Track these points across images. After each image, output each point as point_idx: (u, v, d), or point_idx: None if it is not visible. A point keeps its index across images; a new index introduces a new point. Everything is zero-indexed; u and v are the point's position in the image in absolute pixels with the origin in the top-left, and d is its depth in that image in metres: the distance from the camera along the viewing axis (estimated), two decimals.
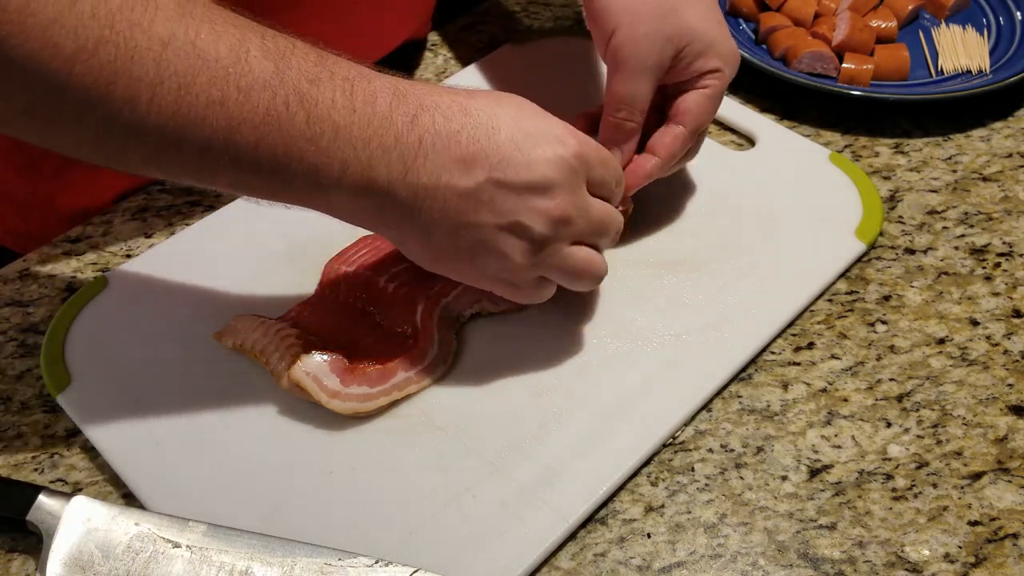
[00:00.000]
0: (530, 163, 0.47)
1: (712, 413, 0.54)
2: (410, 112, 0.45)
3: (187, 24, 0.40)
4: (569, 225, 0.49)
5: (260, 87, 0.41)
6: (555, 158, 0.47)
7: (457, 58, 0.79)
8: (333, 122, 0.43)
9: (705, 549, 0.48)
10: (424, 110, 0.46)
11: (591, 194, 0.50)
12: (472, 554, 0.47)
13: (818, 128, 0.73)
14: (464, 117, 0.46)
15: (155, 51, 0.38)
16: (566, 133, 0.49)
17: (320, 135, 0.43)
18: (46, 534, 0.46)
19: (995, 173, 0.69)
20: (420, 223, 0.47)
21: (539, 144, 0.47)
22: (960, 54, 0.77)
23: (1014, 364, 0.57)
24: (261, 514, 0.48)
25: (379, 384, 0.52)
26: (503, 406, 0.53)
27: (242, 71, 0.41)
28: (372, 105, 0.44)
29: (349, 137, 0.43)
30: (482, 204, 0.47)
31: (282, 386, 0.52)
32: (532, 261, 0.49)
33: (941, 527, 0.49)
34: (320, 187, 0.45)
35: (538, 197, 0.47)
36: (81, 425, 0.52)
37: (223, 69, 0.40)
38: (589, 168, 0.49)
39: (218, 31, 0.40)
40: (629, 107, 0.56)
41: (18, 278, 0.62)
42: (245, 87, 0.41)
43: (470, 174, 0.46)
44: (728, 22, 0.80)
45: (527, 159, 0.47)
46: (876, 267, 0.62)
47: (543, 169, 0.47)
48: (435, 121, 0.46)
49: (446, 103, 0.46)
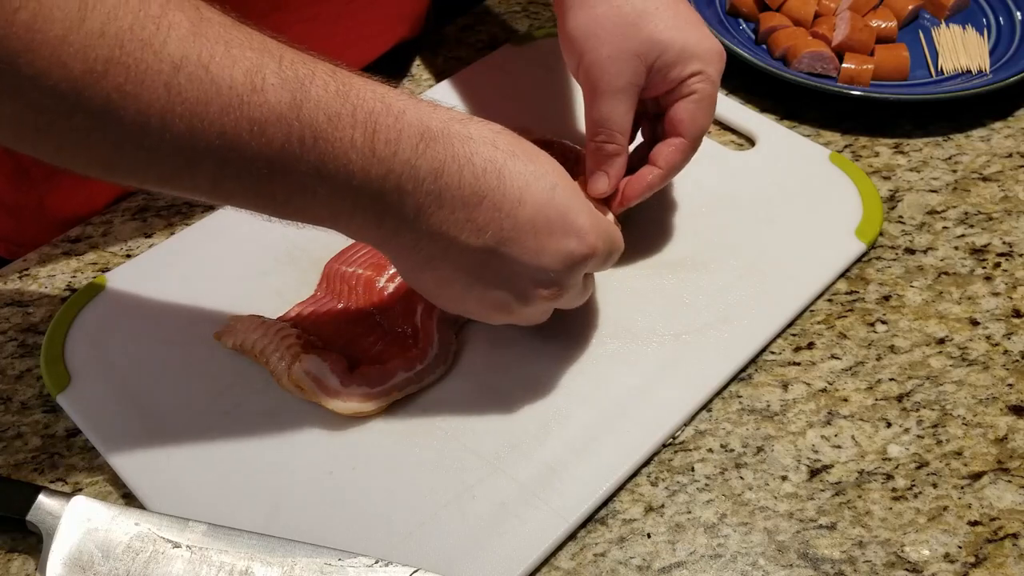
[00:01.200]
0: (540, 251, 0.46)
1: (712, 413, 0.54)
2: (437, 161, 0.43)
3: (201, 46, 0.38)
4: (554, 302, 0.50)
5: (275, 121, 0.39)
6: (565, 253, 0.47)
7: (457, 58, 0.79)
8: (349, 163, 0.41)
9: (705, 549, 0.48)
10: (454, 161, 0.43)
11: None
12: (472, 554, 0.47)
13: (818, 128, 0.73)
14: (496, 180, 0.44)
15: (166, 74, 0.37)
16: (588, 228, 0.47)
17: (334, 175, 0.41)
18: (46, 534, 0.46)
19: (995, 173, 0.69)
20: (418, 259, 0.47)
21: (556, 234, 0.46)
22: (960, 54, 0.77)
23: (1014, 364, 0.57)
24: (261, 514, 0.48)
25: (379, 384, 0.52)
26: (503, 406, 0.53)
27: (257, 101, 0.39)
28: (395, 148, 0.42)
29: (365, 179, 0.42)
30: (480, 265, 0.46)
31: (282, 386, 0.52)
32: (510, 316, 0.50)
33: (941, 527, 0.49)
34: (333, 219, 0.44)
35: (533, 279, 0.47)
36: (81, 425, 0.52)
37: (237, 98, 0.38)
38: (597, 261, 0.49)
39: (233, 54, 0.38)
40: (607, 130, 0.55)
41: (18, 278, 0.62)
42: (260, 120, 0.39)
43: (479, 238, 0.45)
44: (728, 22, 0.80)
45: (539, 246, 0.46)
46: (876, 267, 0.62)
47: (548, 260, 0.46)
48: (462, 178, 0.44)
49: (482, 159, 0.44)
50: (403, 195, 0.43)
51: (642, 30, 0.54)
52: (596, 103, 0.55)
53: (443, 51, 0.80)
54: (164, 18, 0.37)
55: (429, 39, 0.81)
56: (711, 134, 0.71)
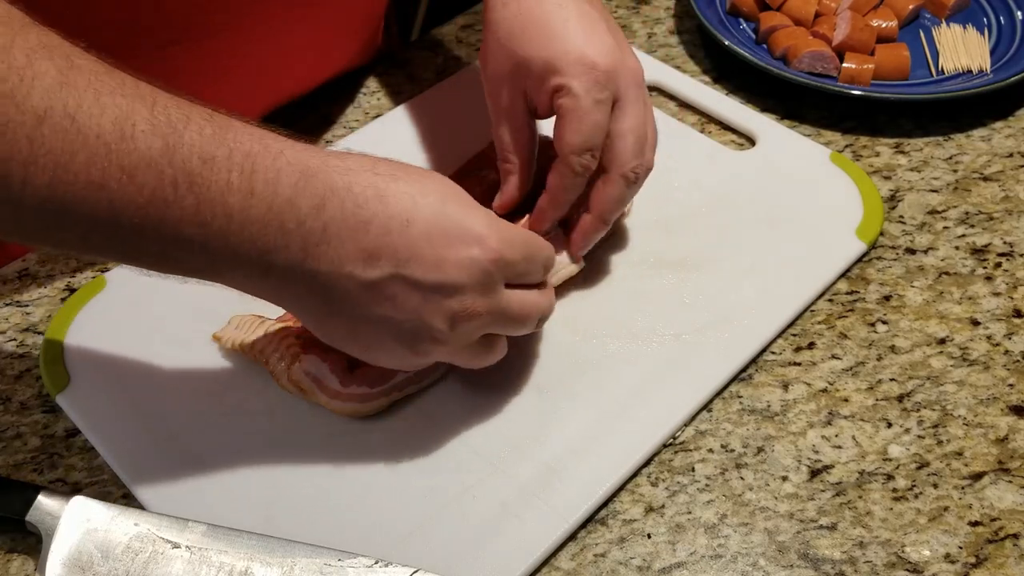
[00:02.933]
0: (440, 263, 0.43)
1: (712, 413, 0.54)
2: (318, 196, 0.41)
3: (67, 96, 0.36)
4: (475, 321, 0.45)
5: (145, 167, 0.37)
6: (468, 261, 0.44)
7: (457, 58, 0.79)
8: (226, 206, 0.39)
9: (705, 549, 0.48)
10: (334, 194, 0.42)
11: (515, 285, 0.47)
12: (472, 554, 0.47)
13: (818, 128, 0.73)
14: (379, 204, 0.42)
15: (28, 127, 0.35)
16: (488, 233, 0.45)
17: (211, 220, 0.39)
18: (46, 534, 0.46)
19: (996, 173, 0.69)
20: (319, 305, 0.44)
21: (454, 244, 0.44)
22: (961, 54, 0.77)
23: (1015, 364, 0.57)
24: (261, 514, 0.48)
25: (379, 384, 0.52)
26: (503, 406, 0.53)
27: (126, 149, 0.37)
28: (274, 187, 0.40)
29: (244, 221, 0.40)
30: (385, 298, 0.43)
31: (282, 386, 0.52)
32: (441, 348, 0.46)
33: (942, 527, 0.49)
34: (213, 269, 0.42)
35: (443, 298, 0.44)
36: (81, 425, 0.52)
37: (105, 147, 0.37)
38: (509, 268, 0.46)
39: (103, 103, 0.37)
40: (499, 151, 0.56)
41: (18, 278, 0.62)
42: (129, 167, 0.37)
43: (375, 267, 0.43)
44: (728, 22, 0.80)
45: (438, 258, 0.43)
46: (876, 267, 0.62)
47: (453, 272, 0.44)
48: (344, 208, 0.42)
49: (361, 186, 0.42)
50: (287, 235, 0.41)
51: (516, 49, 0.53)
52: (492, 126, 0.57)
53: (443, 51, 0.80)
54: (29, 68, 0.36)
55: (429, 39, 0.81)
56: (711, 134, 0.71)
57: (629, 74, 0.53)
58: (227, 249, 0.41)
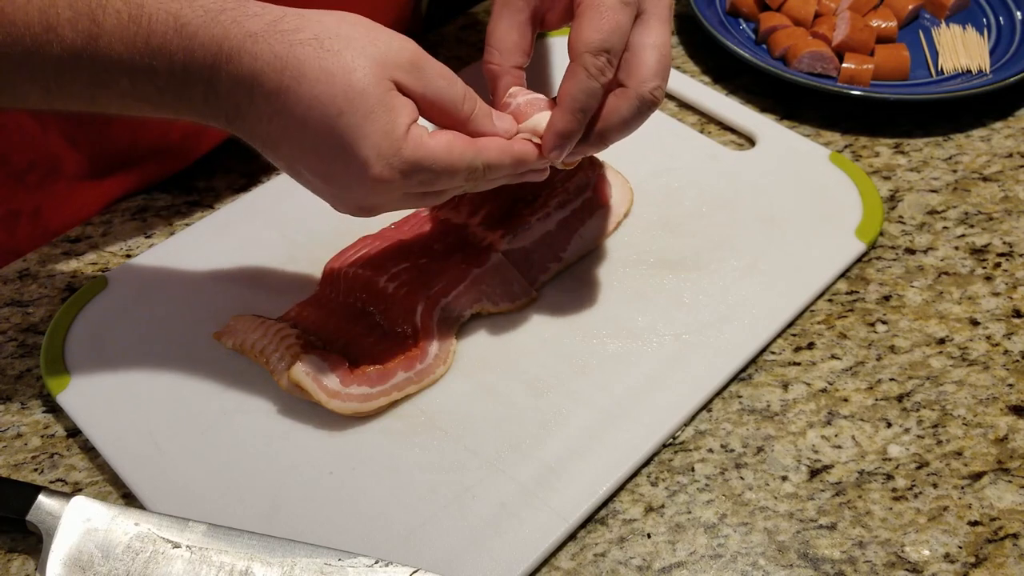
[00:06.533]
0: (328, 176, 0.46)
1: (712, 413, 0.54)
2: (226, 82, 0.44)
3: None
4: (383, 202, 0.47)
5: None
6: (353, 180, 0.45)
7: (457, 58, 0.79)
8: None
9: (705, 549, 0.48)
10: (239, 85, 0.44)
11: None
12: (472, 554, 0.47)
13: (818, 128, 0.73)
14: (281, 102, 0.44)
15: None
16: (373, 160, 0.44)
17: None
18: (46, 534, 0.46)
19: (995, 173, 0.69)
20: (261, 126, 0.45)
21: (338, 161, 0.44)
22: (960, 54, 0.77)
23: (1014, 364, 0.57)
24: (261, 514, 0.48)
25: (379, 384, 0.52)
26: (503, 406, 0.53)
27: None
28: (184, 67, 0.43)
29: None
30: (295, 173, 0.47)
31: (282, 386, 0.52)
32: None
33: (941, 527, 0.49)
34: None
35: (341, 192, 0.46)
36: (81, 425, 0.52)
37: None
38: (397, 186, 0.45)
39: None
40: (488, 48, 0.53)
41: (18, 278, 0.62)
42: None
43: (278, 157, 0.46)
44: (728, 22, 0.80)
45: (326, 171, 0.45)
46: (876, 267, 0.62)
47: (342, 183, 0.45)
48: (253, 99, 0.44)
49: (270, 78, 0.43)
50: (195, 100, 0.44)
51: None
52: (492, 18, 0.53)
53: (443, 51, 0.80)
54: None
55: (429, 39, 0.81)
56: (711, 134, 0.71)
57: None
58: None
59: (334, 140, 0.43)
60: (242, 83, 0.43)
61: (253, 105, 0.44)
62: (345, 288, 0.57)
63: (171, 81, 0.44)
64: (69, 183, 0.64)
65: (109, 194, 0.66)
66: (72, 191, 0.65)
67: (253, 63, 0.43)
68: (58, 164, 0.63)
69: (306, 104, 0.43)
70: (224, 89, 0.44)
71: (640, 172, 0.66)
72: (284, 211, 0.64)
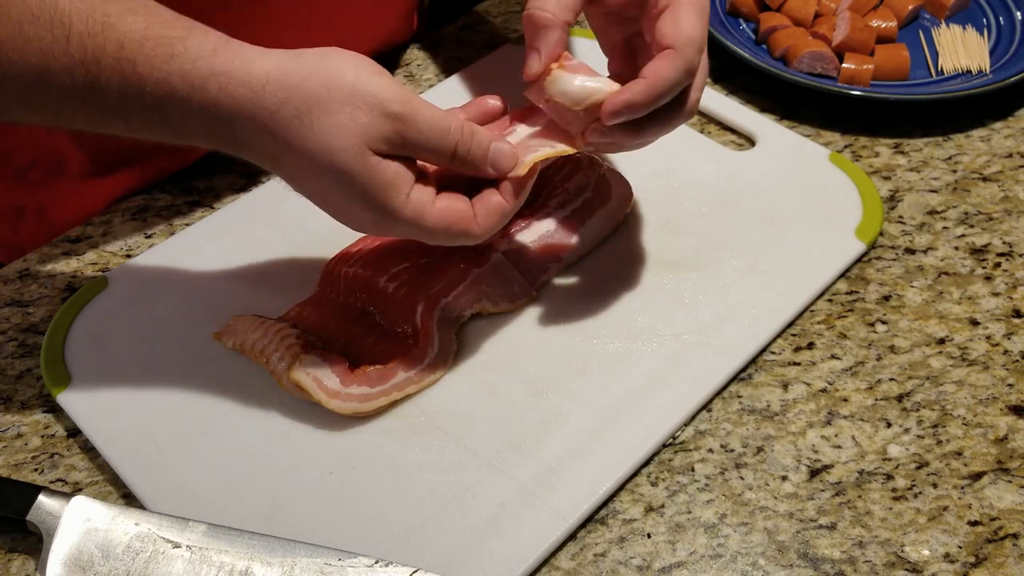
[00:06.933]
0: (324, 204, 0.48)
1: (712, 413, 0.54)
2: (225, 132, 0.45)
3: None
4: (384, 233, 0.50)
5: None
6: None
7: (457, 58, 0.79)
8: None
9: (705, 549, 0.48)
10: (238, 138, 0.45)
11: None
12: (472, 554, 0.47)
13: (818, 128, 0.73)
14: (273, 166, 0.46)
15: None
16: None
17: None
18: (46, 534, 0.46)
19: (995, 173, 0.69)
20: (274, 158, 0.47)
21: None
22: (960, 54, 0.77)
23: (1014, 364, 0.57)
24: (261, 514, 0.48)
25: (379, 384, 0.52)
26: (503, 406, 0.53)
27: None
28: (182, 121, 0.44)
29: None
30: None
31: (282, 386, 0.52)
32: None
33: (941, 527, 0.49)
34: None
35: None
36: (81, 425, 0.52)
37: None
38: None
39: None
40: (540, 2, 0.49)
41: (18, 278, 0.62)
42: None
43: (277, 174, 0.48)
44: (728, 22, 0.80)
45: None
46: (876, 267, 0.62)
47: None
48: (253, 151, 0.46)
49: (259, 148, 0.45)
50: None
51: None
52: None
53: (443, 51, 0.80)
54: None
55: (429, 39, 0.81)
56: (711, 134, 0.71)
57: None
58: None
59: (333, 204, 0.47)
60: (240, 143, 0.45)
61: (256, 158, 0.46)
62: (345, 288, 0.57)
63: (166, 131, 0.45)
64: (73, 180, 0.64)
65: (113, 191, 0.66)
66: (76, 188, 0.65)
67: (245, 132, 0.44)
68: (62, 161, 0.63)
69: (304, 169, 0.45)
70: (224, 143, 0.45)
71: (640, 172, 0.66)
72: (284, 211, 0.64)
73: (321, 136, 0.44)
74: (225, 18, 0.61)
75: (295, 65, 0.44)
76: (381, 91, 0.44)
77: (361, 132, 0.44)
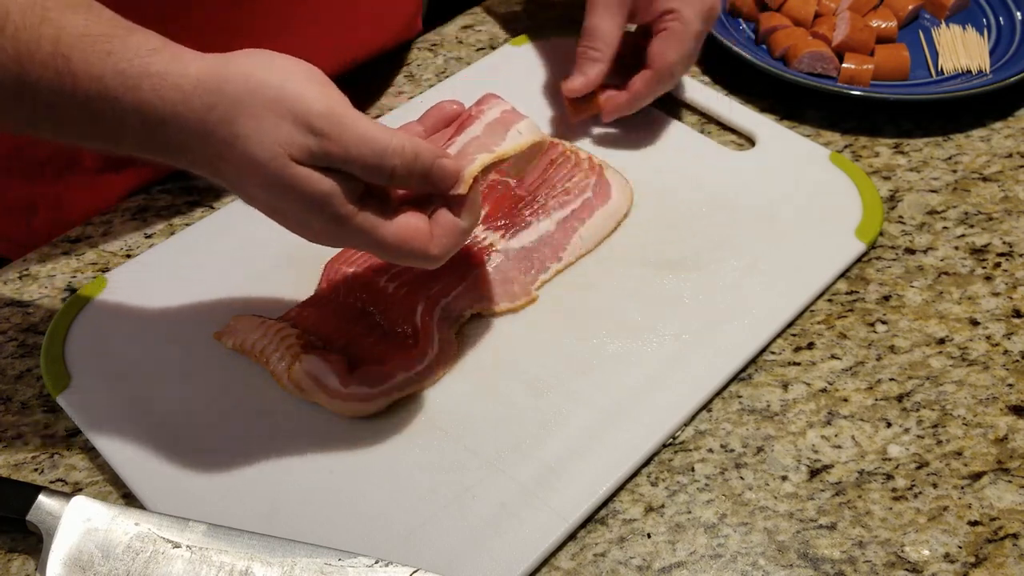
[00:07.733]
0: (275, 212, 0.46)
1: (712, 413, 0.54)
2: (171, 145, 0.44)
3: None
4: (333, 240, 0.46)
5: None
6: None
7: (457, 58, 0.79)
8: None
9: (705, 549, 0.48)
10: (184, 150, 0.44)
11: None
12: (472, 554, 0.47)
13: (818, 128, 0.73)
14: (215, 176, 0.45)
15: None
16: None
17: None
18: (46, 534, 0.46)
19: (995, 173, 0.69)
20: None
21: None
22: (960, 54, 0.77)
23: (1014, 364, 0.57)
24: (261, 514, 0.48)
25: (379, 384, 0.52)
26: (503, 406, 0.53)
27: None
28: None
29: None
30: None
31: (282, 386, 0.52)
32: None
33: (941, 527, 0.49)
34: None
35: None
36: (81, 425, 0.52)
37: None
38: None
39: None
40: (592, 39, 0.65)
41: (18, 278, 0.62)
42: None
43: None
44: (728, 22, 0.80)
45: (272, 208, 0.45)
46: (876, 267, 0.62)
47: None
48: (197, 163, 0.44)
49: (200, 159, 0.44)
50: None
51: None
52: (590, 16, 0.66)
53: (443, 51, 0.80)
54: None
55: (429, 39, 0.81)
56: (711, 134, 0.71)
57: (716, 14, 0.66)
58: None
59: (281, 214, 0.45)
60: (172, 148, 0.43)
61: (193, 166, 0.44)
62: (345, 288, 0.57)
63: (99, 134, 0.44)
64: (88, 175, 0.64)
65: (125, 186, 0.66)
66: (90, 182, 0.65)
67: (177, 137, 0.43)
68: (76, 157, 0.63)
69: (242, 177, 0.43)
70: (158, 148, 0.44)
71: (640, 172, 0.66)
72: None
73: (247, 143, 0.42)
74: (228, 17, 0.61)
75: (223, 67, 0.42)
76: (307, 102, 0.42)
77: (284, 142, 0.42)
